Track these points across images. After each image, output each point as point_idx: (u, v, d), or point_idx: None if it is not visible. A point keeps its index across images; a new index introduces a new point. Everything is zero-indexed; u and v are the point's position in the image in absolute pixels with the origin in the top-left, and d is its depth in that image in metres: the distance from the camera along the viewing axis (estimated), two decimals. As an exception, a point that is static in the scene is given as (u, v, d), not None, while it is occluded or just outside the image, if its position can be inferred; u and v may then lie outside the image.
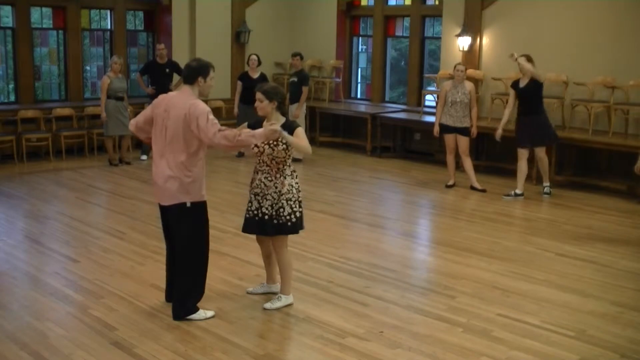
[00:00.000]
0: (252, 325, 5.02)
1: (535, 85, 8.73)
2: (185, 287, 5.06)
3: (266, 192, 5.12)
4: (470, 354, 4.62)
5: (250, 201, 5.23)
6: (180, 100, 4.90)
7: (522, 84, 8.85)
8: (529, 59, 8.74)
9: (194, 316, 5.04)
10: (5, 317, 5.08)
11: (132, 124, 5.19)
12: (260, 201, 5.15)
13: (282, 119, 5.11)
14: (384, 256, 6.69)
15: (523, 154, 9.00)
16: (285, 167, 5.12)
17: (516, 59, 8.71)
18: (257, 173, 5.18)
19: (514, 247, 7.06)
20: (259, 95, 5.05)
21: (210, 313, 5.10)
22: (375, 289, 5.77)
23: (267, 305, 5.28)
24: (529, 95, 8.77)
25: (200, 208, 5.01)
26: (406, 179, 10.32)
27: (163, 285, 5.49)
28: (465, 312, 5.32)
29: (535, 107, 8.80)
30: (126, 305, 5.32)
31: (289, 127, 5.07)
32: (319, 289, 5.73)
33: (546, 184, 9.18)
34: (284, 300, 5.31)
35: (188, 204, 4.93)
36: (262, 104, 5.05)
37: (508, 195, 9.10)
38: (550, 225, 7.89)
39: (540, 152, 8.98)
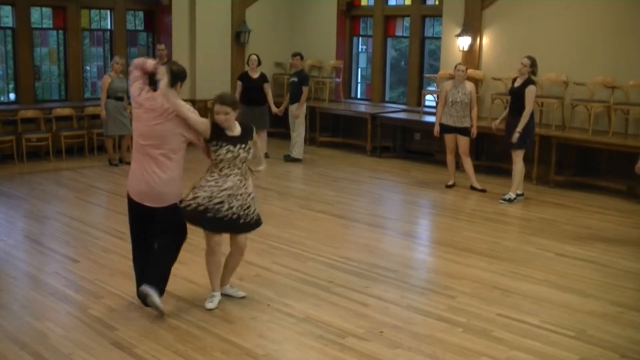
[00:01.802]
0: (252, 325, 5.02)
1: (524, 89, 8.58)
2: (163, 276, 5.29)
3: (237, 193, 5.12)
4: (470, 354, 4.62)
5: (221, 202, 5.06)
6: None
7: (516, 84, 8.76)
8: (533, 63, 8.63)
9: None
10: (5, 317, 5.08)
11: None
12: (231, 202, 5.11)
13: (237, 123, 5.22)
14: (384, 256, 6.69)
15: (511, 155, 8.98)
16: (247, 168, 5.22)
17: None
18: (229, 176, 5.08)
19: (514, 247, 7.06)
20: (225, 108, 5.04)
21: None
22: (375, 289, 5.77)
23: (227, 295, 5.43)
24: (519, 96, 8.62)
25: (178, 207, 5.13)
26: (406, 179, 10.33)
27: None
28: (465, 312, 5.32)
29: (521, 110, 8.59)
30: (126, 305, 5.32)
31: (248, 129, 5.23)
32: (319, 289, 5.73)
33: (510, 193, 8.83)
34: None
35: (179, 203, 5.16)
36: (230, 116, 5.08)
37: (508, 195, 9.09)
38: (550, 225, 7.89)
39: (515, 157, 8.78)
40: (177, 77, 5.01)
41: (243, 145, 5.12)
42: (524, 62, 8.62)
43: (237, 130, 5.16)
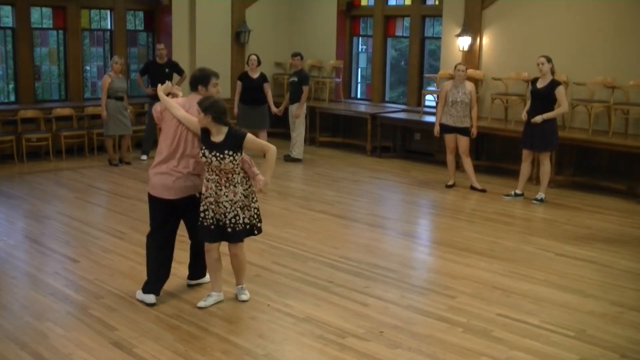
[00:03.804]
0: (252, 325, 5.02)
1: (552, 91, 8.52)
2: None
3: (218, 201, 5.09)
4: (470, 354, 4.62)
5: (205, 210, 5.16)
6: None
7: (539, 85, 8.67)
8: (549, 60, 8.55)
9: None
10: (5, 317, 5.08)
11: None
12: (215, 209, 5.12)
13: (225, 129, 5.06)
14: (384, 256, 6.69)
15: (527, 156, 8.96)
16: (234, 176, 5.08)
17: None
18: (208, 181, 5.12)
19: (514, 247, 7.06)
20: (198, 108, 5.06)
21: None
22: (375, 289, 5.77)
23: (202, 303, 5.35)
24: (543, 98, 8.56)
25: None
26: (406, 179, 10.33)
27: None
28: (465, 312, 5.32)
29: (547, 111, 8.56)
30: (126, 305, 5.32)
31: (235, 137, 5.06)
32: (319, 289, 5.73)
33: (540, 193, 8.85)
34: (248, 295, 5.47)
35: (197, 195, 5.42)
36: (200, 116, 5.03)
37: (508, 195, 9.10)
38: (550, 225, 7.89)
39: (543, 158, 8.83)
40: (195, 80, 5.38)
41: (217, 154, 4.99)
42: (541, 61, 8.53)
43: (219, 137, 5.04)
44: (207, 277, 5.64)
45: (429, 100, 12.19)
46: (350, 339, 4.80)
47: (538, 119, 8.54)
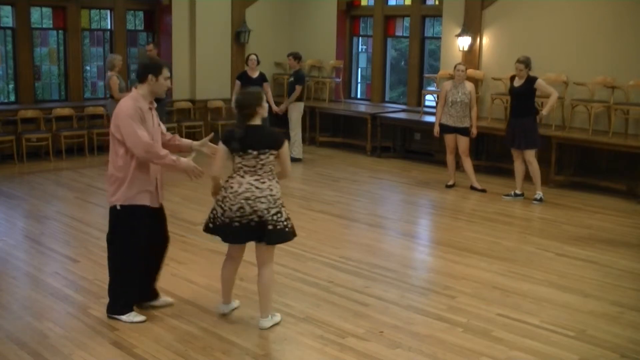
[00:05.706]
0: (252, 325, 5.02)
1: (529, 87, 8.61)
2: (111, 287, 5.12)
3: (259, 195, 4.69)
4: (470, 354, 4.62)
5: (238, 209, 4.70)
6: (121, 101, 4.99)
7: (517, 83, 8.75)
8: (527, 64, 8.58)
9: (121, 317, 4.99)
10: (5, 317, 5.08)
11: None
12: (253, 205, 4.69)
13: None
14: (384, 256, 6.69)
15: (516, 155, 8.97)
16: (272, 168, 4.82)
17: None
18: (244, 177, 4.73)
19: (514, 247, 7.06)
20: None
21: (139, 318, 4.99)
22: (375, 289, 5.77)
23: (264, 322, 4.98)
24: (521, 96, 8.64)
25: (126, 212, 5.04)
26: (406, 179, 10.33)
27: (162, 285, 5.49)
28: (465, 312, 5.32)
29: (527, 109, 8.65)
30: (126, 305, 5.31)
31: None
32: (319, 289, 5.73)
33: (537, 192, 8.85)
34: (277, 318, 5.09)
35: (118, 207, 5.07)
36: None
37: (508, 195, 9.10)
38: (550, 225, 7.89)
39: (529, 156, 8.80)
40: (145, 70, 4.91)
41: None
42: (518, 67, 8.61)
43: None
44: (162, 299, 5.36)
45: (429, 100, 12.19)
46: (350, 339, 4.80)
47: (542, 116, 8.67)
